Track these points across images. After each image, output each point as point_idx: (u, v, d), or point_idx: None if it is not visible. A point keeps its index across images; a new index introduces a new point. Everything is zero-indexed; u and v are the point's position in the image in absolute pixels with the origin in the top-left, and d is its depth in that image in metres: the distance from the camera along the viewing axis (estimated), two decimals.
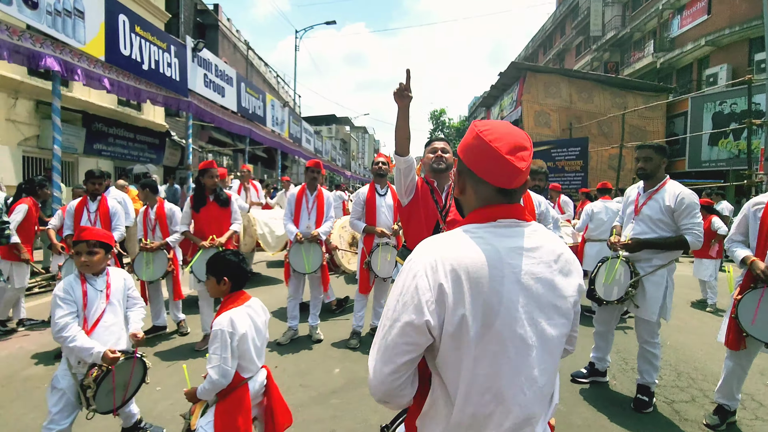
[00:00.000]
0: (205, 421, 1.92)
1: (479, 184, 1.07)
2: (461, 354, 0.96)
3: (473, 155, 1.07)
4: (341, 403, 3.22)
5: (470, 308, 0.94)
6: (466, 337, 0.95)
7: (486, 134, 1.04)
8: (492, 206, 1.06)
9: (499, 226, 1.04)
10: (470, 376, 0.97)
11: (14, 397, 3.22)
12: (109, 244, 2.47)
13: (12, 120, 8.90)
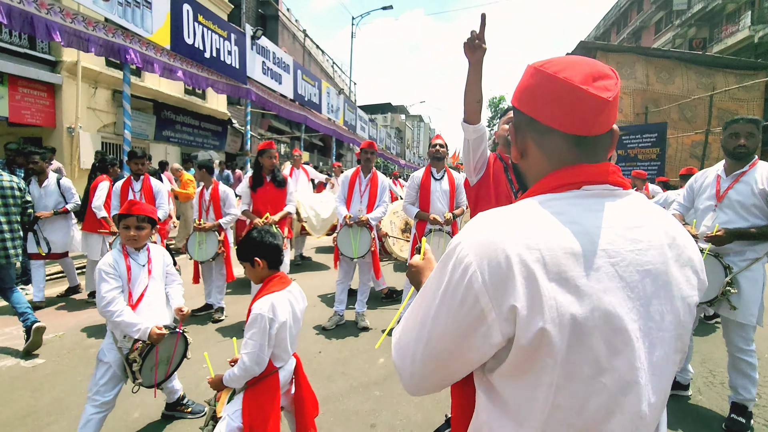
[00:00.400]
0: (233, 410, 1.81)
1: (547, 137, 0.79)
2: (537, 377, 0.69)
3: (534, 98, 0.79)
4: (383, 396, 3.05)
5: (553, 317, 0.66)
6: (548, 357, 0.67)
7: (548, 67, 0.77)
8: (571, 167, 0.77)
9: (585, 195, 0.75)
10: (547, 409, 0.69)
11: (77, 363, 3.41)
12: (154, 220, 2.47)
13: (92, 108, 9.66)
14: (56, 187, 4.77)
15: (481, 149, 2.27)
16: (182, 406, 2.73)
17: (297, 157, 7.34)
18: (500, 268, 0.68)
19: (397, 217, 6.05)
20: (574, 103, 0.74)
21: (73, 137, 9.11)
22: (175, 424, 2.65)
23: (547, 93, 0.77)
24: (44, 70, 8.66)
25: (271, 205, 4.30)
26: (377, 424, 2.70)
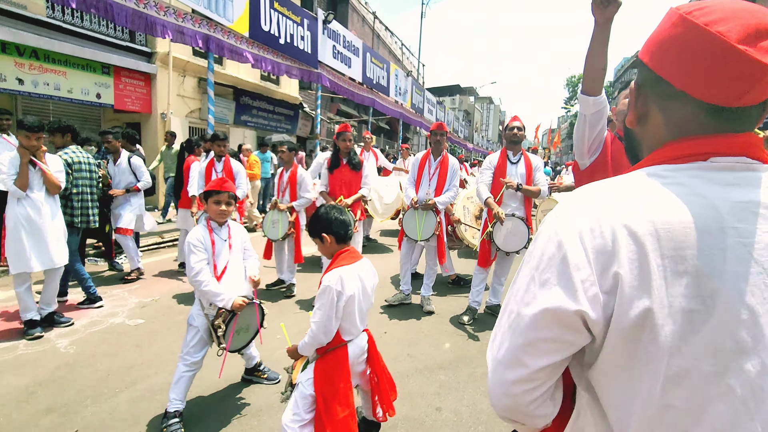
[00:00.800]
0: (305, 378, 1.90)
1: (675, 103, 0.66)
2: (640, 370, 0.61)
3: (671, 54, 0.65)
4: (448, 380, 3.02)
5: (662, 298, 0.57)
6: (652, 345, 0.59)
7: (698, 15, 0.62)
8: (699, 138, 0.65)
9: (712, 167, 0.64)
10: (652, 410, 0.61)
11: (170, 325, 3.79)
12: (237, 198, 2.62)
13: (181, 95, 10.51)
14: (128, 166, 4.97)
15: (599, 126, 2.00)
16: (259, 372, 2.92)
17: (368, 139, 7.42)
18: (603, 239, 0.60)
19: (471, 202, 5.84)
20: (724, 67, 0.60)
21: (165, 122, 10.01)
22: (252, 388, 2.85)
23: (689, 50, 0.63)
24: (142, 60, 9.55)
25: (346, 187, 4.39)
26: (443, 408, 2.68)
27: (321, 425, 1.81)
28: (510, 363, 0.68)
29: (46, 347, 3.29)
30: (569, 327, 0.63)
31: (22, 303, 3.44)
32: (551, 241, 0.66)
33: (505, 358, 0.69)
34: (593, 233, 0.62)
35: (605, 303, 0.61)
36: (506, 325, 0.71)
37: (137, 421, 2.44)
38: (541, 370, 0.67)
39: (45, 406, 2.54)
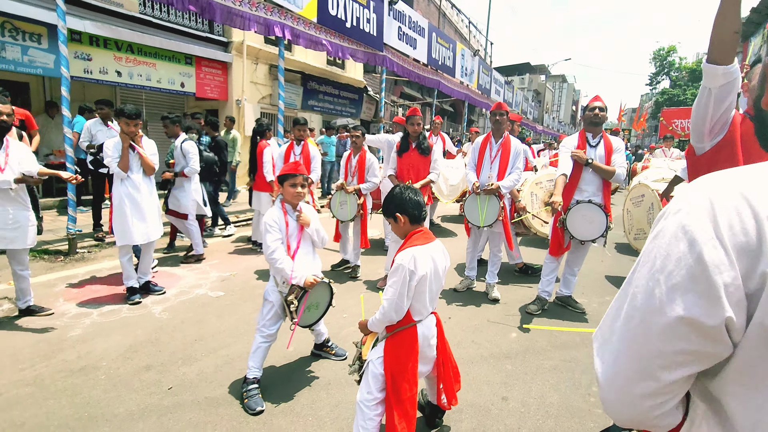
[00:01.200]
0: (376, 356, 1.94)
1: None
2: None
3: None
4: (515, 370, 2.94)
5: None
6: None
7: None
8: None
9: None
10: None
11: (247, 298, 4.08)
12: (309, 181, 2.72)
13: (254, 82, 11.05)
14: (180, 150, 4.96)
15: (727, 102, 1.75)
16: (327, 348, 3.05)
17: (437, 123, 7.30)
18: (746, 236, 0.53)
19: (540, 188, 5.55)
20: None
21: (240, 108, 10.61)
22: (321, 362, 2.98)
23: None
24: (219, 50, 10.15)
25: (414, 171, 4.36)
26: (509, 398, 2.62)
27: (389, 402, 1.86)
28: (636, 375, 0.62)
29: (144, 312, 3.70)
30: (711, 337, 0.56)
31: (124, 271, 3.89)
32: (679, 239, 0.58)
33: (628, 370, 0.63)
34: (732, 229, 0.54)
35: (746, 307, 0.54)
36: (623, 331, 0.64)
37: (221, 384, 2.67)
38: (675, 383, 0.60)
39: (145, 364, 2.87)
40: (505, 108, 4.16)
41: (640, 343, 0.61)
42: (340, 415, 2.41)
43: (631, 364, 0.63)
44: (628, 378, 0.63)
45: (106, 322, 3.47)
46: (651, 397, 0.62)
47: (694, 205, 0.58)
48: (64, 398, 2.48)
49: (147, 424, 2.28)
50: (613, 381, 0.65)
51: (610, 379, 0.66)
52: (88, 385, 2.61)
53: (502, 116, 4.13)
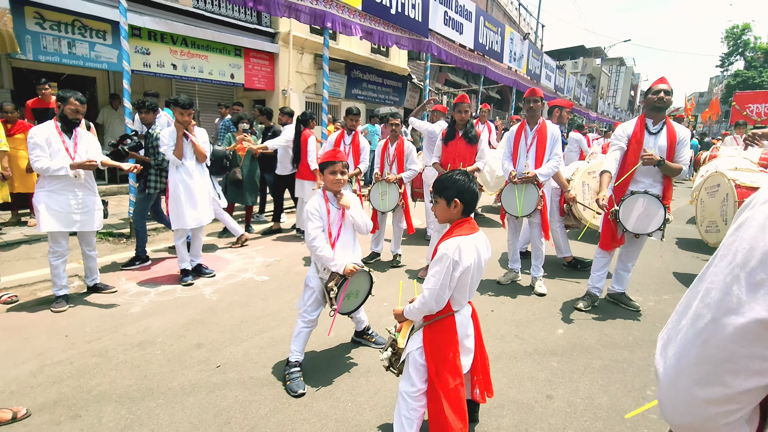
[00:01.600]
0: (415, 347, 1.91)
1: None
2: None
3: None
4: (561, 368, 2.81)
5: None
6: None
7: None
8: None
9: None
10: None
11: (290, 283, 4.19)
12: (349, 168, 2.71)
13: (299, 72, 11.23)
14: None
15: None
16: (368, 336, 3.07)
17: (484, 111, 7.08)
18: None
19: (593, 178, 5.21)
20: None
21: (285, 98, 10.84)
22: (361, 350, 3.01)
23: None
24: (267, 41, 10.38)
25: (459, 160, 4.26)
26: (554, 396, 2.51)
27: (435, 393, 1.83)
28: (702, 378, 0.56)
29: (195, 293, 3.90)
30: None
31: (179, 254, 4.12)
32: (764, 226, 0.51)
33: (693, 371, 0.57)
34: None
35: None
36: (690, 330, 0.58)
37: (265, 365, 2.76)
38: (747, 392, 0.53)
39: (196, 342, 3.03)
40: (540, 94, 3.95)
41: (710, 344, 0.55)
42: (379, 403, 2.41)
43: (697, 366, 0.56)
44: (693, 380, 0.57)
45: (162, 301, 3.69)
46: (717, 404, 0.55)
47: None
48: (125, 370, 2.66)
49: (197, 398, 2.40)
50: (674, 381, 0.59)
51: (671, 379, 0.60)
52: (146, 359, 2.79)
53: (536, 103, 3.94)
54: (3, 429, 2.12)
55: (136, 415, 2.25)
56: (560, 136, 4.03)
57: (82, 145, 3.52)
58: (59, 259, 3.50)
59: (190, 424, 2.19)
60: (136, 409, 2.30)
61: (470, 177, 1.94)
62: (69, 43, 7.16)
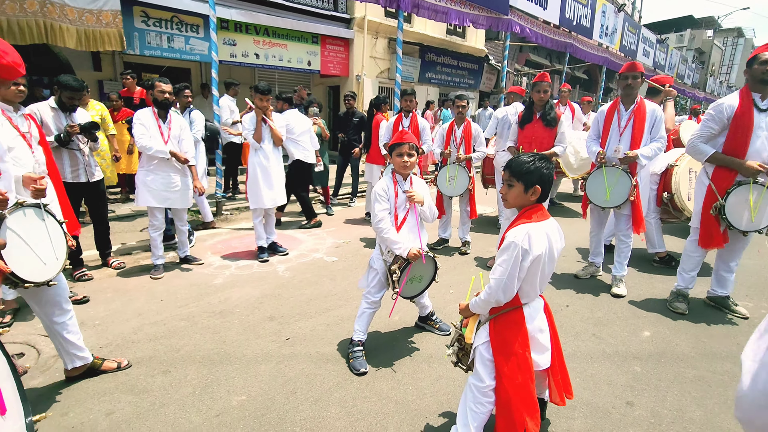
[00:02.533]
0: (481, 341, 1.81)
1: None
2: None
3: None
4: (645, 374, 2.54)
5: None
6: None
7: None
8: None
9: None
10: None
11: (357, 265, 4.28)
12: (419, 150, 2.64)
13: (373, 57, 11.27)
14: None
15: None
16: (431, 322, 3.03)
17: (564, 92, 6.57)
18: None
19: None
20: None
21: (359, 83, 10.97)
22: (424, 335, 2.98)
23: None
24: (342, 27, 10.53)
25: (536, 145, 3.98)
26: (636, 404, 2.28)
27: (502, 388, 1.74)
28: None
29: (270, 269, 4.14)
30: None
31: (256, 232, 4.39)
32: None
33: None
34: None
35: None
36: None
37: (330, 342, 2.86)
38: None
39: (269, 315, 3.22)
40: (640, 68, 3.46)
41: None
42: (441, 389, 2.37)
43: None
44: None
45: (240, 275, 3.98)
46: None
47: None
48: (208, 335, 2.92)
49: (267, 367, 2.56)
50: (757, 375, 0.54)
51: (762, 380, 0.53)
52: (225, 327, 3.03)
53: (636, 79, 3.45)
54: (109, 376, 2.44)
55: (215, 377, 2.46)
56: (662, 116, 3.55)
57: (174, 129, 3.87)
58: (156, 231, 3.91)
59: (260, 390, 2.34)
60: (216, 370, 2.51)
61: (550, 163, 1.79)
62: (168, 37, 7.88)
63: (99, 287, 3.63)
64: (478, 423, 1.79)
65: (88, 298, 3.38)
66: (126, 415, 2.13)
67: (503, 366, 1.73)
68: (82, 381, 2.38)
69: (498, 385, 1.76)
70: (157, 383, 2.39)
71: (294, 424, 2.10)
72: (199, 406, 2.20)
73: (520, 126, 4.11)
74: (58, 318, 2.23)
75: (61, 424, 2.06)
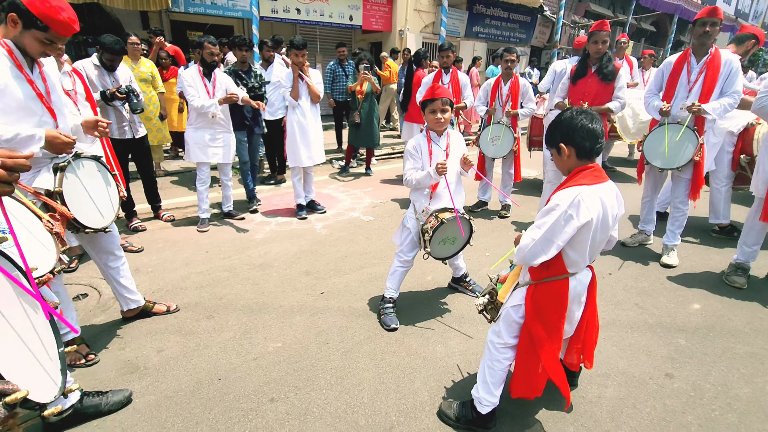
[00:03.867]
0: (514, 303, 1.75)
1: None
2: None
3: None
4: (690, 347, 2.41)
5: None
6: None
7: None
8: None
9: None
10: None
11: (393, 225, 4.28)
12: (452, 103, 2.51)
13: (417, 10, 10.72)
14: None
15: None
16: (465, 283, 3.01)
17: (623, 43, 5.97)
18: None
19: None
20: None
21: (402, 38, 10.55)
22: (457, 296, 2.97)
23: None
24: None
25: (589, 101, 3.68)
26: (676, 376, 2.18)
27: (532, 354, 1.70)
28: None
29: (308, 226, 4.24)
30: None
31: (295, 190, 4.48)
32: None
33: None
34: None
35: None
36: None
37: (363, 297, 2.92)
38: None
39: (305, 269, 3.33)
40: (720, 14, 3.02)
41: None
42: (469, 350, 2.39)
43: None
44: None
45: (280, 231, 4.11)
46: None
47: None
48: (248, 285, 3.07)
49: (302, 318, 2.67)
50: None
51: None
52: (264, 279, 3.17)
53: (714, 26, 3.01)
54: (160, 318, 2.64)
55: (254, 324, 2.60)
56: (739, 68, 3.12)
57: (219, 86, 3.93)
58: (203, 185, 4.08)
59: (295, 338, 2.46)
60: (254, 318, 2.66)
61: (581, 113, 1.58)
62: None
63: (152, 238, 3.88)
64: (495, 380, 1.79)
65: (142, 248, 3.63)
66: (174, 353, 2.32)
67: (537, 332, 1.67)
68: (136, 321, 2.61)
69: (523, 346, 1.73)
70: (202, 327, 2.57)
71: (325, 371, 2.20)
72: (238, 350, 2.36)
73: (572, 81, 3.80)
74: (112, 263, 2.42)
75: (119, 357, 2.29)
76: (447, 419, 1.89)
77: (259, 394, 2.04)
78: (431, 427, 1.87)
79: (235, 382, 2.11)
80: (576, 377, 2.10)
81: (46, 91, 2.03)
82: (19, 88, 1.88)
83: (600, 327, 1.98)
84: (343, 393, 2.05)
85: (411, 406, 1.98)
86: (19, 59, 1.89)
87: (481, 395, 1.80)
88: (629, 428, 1.86)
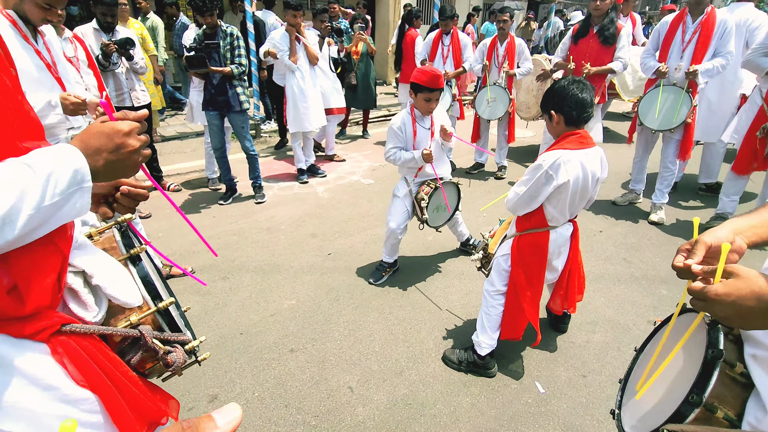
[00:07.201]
0: (502, 253, 1.98)
1: None
2: None
3: None
4: (671, 297, 2.63)
5: None
6: None
7: None
8: None
9: None
10: None
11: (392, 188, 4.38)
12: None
13: None
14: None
15: None
16: (470, 246, 3.17)
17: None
18: None
19: None
20: None
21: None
22: (461, 258, 3.14)
23: None
24: None
25: (591, 62, 3.67)
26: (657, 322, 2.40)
27: (515, 298, 1.93)
28: None
29: (310, 191, 4.34)
30: None
31: (295, 155, 4.53)
32: None
33: None
34: None
35: None
36: None
37: (368, 258, 3.09)
38: None
39: (311, 232, 3.47)
40: None
41: None
42: (469, 303, 2.59)
43: None
44: None
45: (283, 195, 4.21)
46: None
47: None
48: (258, 248, 3.22)
49: (312, 277, 2.84)
50: None
51: None
52: (273, 242, 3.31)
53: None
54: (178, 279, 2.80)
55: (268, 284, 2.77)
56: (732, 29, 3.16)
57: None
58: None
59: (307, 296, 2.64)
60: (268, 278, 2.82)
61: (574, 83, 1.72)
62: None
63: (158, 204, 3.96)
64: (492, 324, 2.01)
65: (150, 214, 3.73)
66: (196, 312, 2.49)
67: (518, 278, 1.90)
68: None
69: (509, 292, 1.95)
70: (219, 287, 2.73)
71: (338, 325, 2.39)
72: (255, 307, 2.53)
73: (573, 40, 3.79)
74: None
75: None
76: (451, 363, 2.11)
77: (279, 345, 2.23)
78: (437, 371, 2.09)
79: (256, 336, 2.30)
80: (566, 324, 2.32)
81: (52, 60, 2.05)
82: (30, 60, 1.91)
83: (590, 280, 2.18)
84: (356, 343, 2.25)
85: (418, 352, 2.20)
86: (24, 29, 1.91)
87: (480, 339, 2.02)
88: (613, 368, 2.09)
